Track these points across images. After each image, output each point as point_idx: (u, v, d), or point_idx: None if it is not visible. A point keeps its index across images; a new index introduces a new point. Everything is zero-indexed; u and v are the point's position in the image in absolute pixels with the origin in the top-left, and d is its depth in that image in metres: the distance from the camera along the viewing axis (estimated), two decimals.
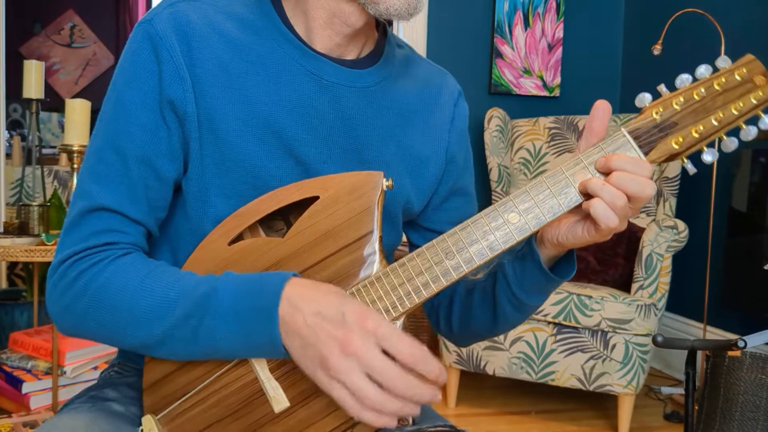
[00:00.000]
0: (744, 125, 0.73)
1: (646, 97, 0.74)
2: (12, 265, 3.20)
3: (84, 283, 0.75)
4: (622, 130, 0.73)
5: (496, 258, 0.74)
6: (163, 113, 0.77)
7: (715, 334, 2.71)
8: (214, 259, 0.77)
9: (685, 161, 0.75)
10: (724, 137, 0.74)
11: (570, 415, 2.48)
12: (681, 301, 2.96)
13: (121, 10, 6.49)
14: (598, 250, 2.55)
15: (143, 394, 0.80)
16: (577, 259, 0.82)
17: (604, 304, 2.23)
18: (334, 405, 0.74)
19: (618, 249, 2.51)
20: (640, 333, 2.23)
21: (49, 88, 6.04)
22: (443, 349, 2.45)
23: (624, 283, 2.47)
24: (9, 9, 3.09)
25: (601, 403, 2.60)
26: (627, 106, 3.41)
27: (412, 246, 0.97)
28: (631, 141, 0.73)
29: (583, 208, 0.72)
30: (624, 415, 2.27)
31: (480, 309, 0.89)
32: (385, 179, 0.75)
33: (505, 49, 3.31)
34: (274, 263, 0.76)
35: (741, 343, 1.50)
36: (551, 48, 3.36)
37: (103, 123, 0.79)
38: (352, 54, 0.85)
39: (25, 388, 2.08)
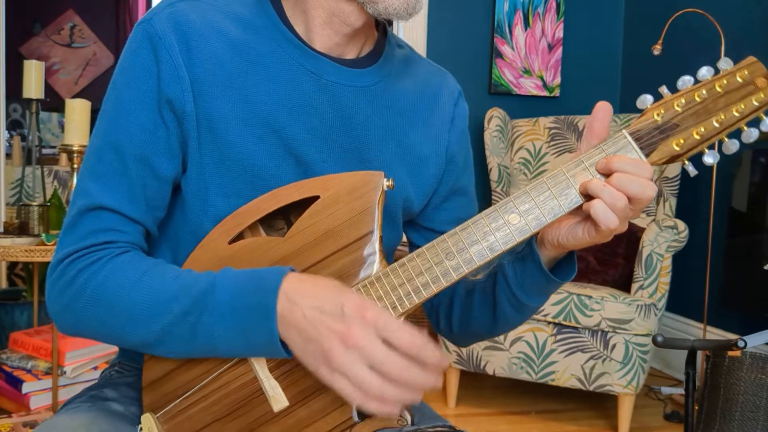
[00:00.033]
0: (745, 127, 0.73)
1: (648, 98, 0.74)
2: (12, 265, 3.20)
3: (83, 281, 0.75)
4: (623, 131, 0.73)
5: (496, 259, 0.74)
6: (162, 113, 0.77)
7: (715, 334, 2.71)
8: (214, 258, 0.77)
9: (686, 163, 0.75)
10: (726, 139, 0.74)
11: (570, 415, 2.48)
12: (681, 301, 2.96)
13: (121, 10, 6.49)
14: (598, 250, 2.55)
15: (142, 392, 0.80)
16: (577, 260, 0.82)
17: (604, 304, 2.23)
18: (333, 405, 0.74)
19: (618, 249, 2.51)
20: (640, 333, 2.23)
21: (49, 88, 6.04)
22: (443, 349, 2.45)
23: (624, 283, 2.47)
24: (9, 9, 3.09)
25: (601, 403, 2.60)
26: (627, 107, 3.41)
27: (412, 246, 0.97)
28: (632, 142, 0.73)
29: (583, 209, 0.72)
30: (624, 415, 2.27)
31: (480, 309, 0.89)
32: (385, 179, 0.75)
33: (505, 49, 3.31)
34: (275, 262, 0.76)
35: (741, 343, 1.50)
36: (551, 48, 3.36)
37: (103, 122, 0.79)
38: (352, 53, 0.85)
39: (25, 388, 2.08)
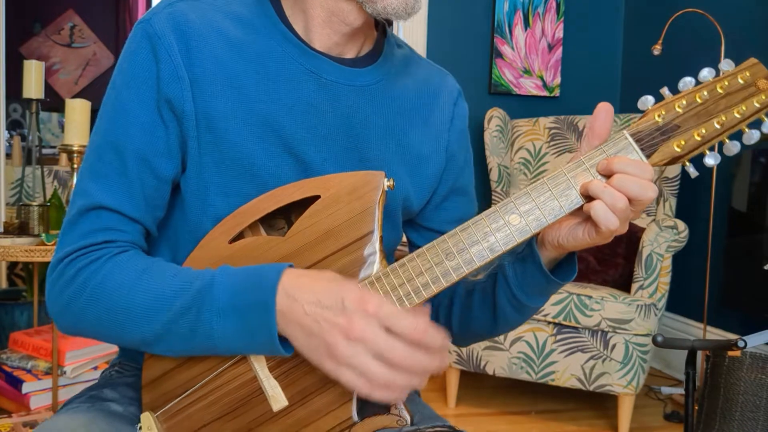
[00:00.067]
0: (747, 129, 0.73)
1: (649, 99, 0.73)
2: (12, 265, 3.20)
3: (82, 280, 0.75)
4: (624, 132, 0.73)
5: (496, 259, 0.74)
6: (161, 112, 0.77)
7: (715, 334, 2.71)
8: (215, 257, 0.77)
9: (687, 164, 0.75)
10: (727, 141, 0.74)
11: (570, 415, 2.48)
12: (681, 301, 2.96)
13: (121, 10, 6.49)
14: (598, 250, 2.55)
15: (142, 390, 0.80)
16: (577, 260, 0.82)
17: (604, 304, 2.23)
18: (333, 404, 0.74)
19: (618, 249, 2.51)
20: (640, 333, 2.23)
21: (49, 88, 6.04)
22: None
23: (624, 283, 2.47)
24: (9, 9, 3.09)
25: (601, 403, 2.60)
26: (627, 107, 3.40)
27: (411, 245, 0.97)
28: (633, 143, 0.73)
29: (584, 210, 0.72)
30: (624, 415, 2.27)
31: (480, 310, 0.89)
32: (386, 179, 0.75)
33: (505, 49, 3.31)
34: (275, 261, 0.76)
35: (741, 343, 1.50)
36: (551, 48, 3.36)
37: (102, 122, 0.79)
38: (351, 53, 0.86)
39: (25, 388, 2.08)
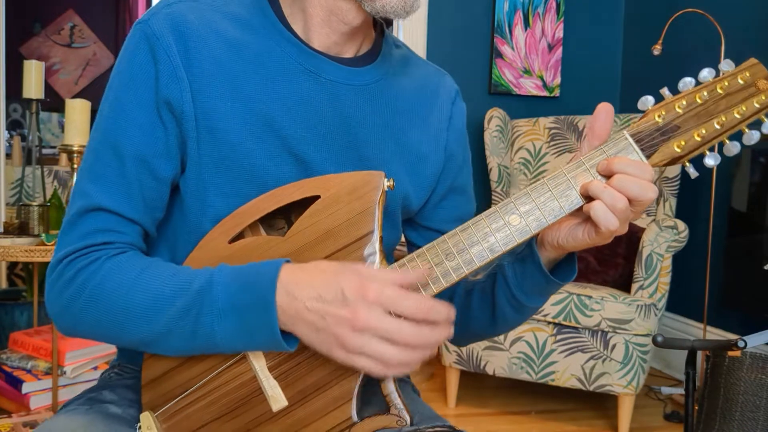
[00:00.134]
0: (747, 129, 0.73)
1: (649, 99, 0.73)
2: (12, 265, 3.20)
3: (81, 281, 0.75)
4: (624, 132, 0.73)
5: (496, 259, 0.74)
6: (160, 113, 0.77)
7: (715, 334, 2.71)
8: (214, 258, 0.77)
9: (687, 165, 0.75)
10: (727, 141, 0.74)
11: (570, 415, 2.48)
12: (681, 301, 2.96)
13: (121, 10, 6.49)
14: (598, 250, 2.55)
15: (142, 390, 0.80)
16: (577, 260, 0.82)
17: (604, 304, 2.23)
18: (332, 405, 0.74)
19: (618, 249, 2.51)
20: (640, 333, 2.23)
21: (49, 88, 6.04)
22: (443, 349, 2.45)
23: (624, 283, 2.47)
24: (9, 9, 3.08)
25: (601, 403, 2.60)
26: (627, 107, 3.40)
27: (410, 245, 0.97)
28: (633, 144, 0.73)
29: (584, 211, 0.72)
30: (624, 415, 2.27)
31: (479, 310, 0.89)
32: (386, 179, 0.75)
33: (505, 49, 3.31)
34: None
35: (741, 343, 1.50)
36: (551, 48, 3.36)
37: (101, 123, 0.79)
38: (350, 52, 0.86)
39: (25, 388, 2.08)
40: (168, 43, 0.76)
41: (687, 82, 0.73)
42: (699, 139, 0.73)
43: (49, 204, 2.20)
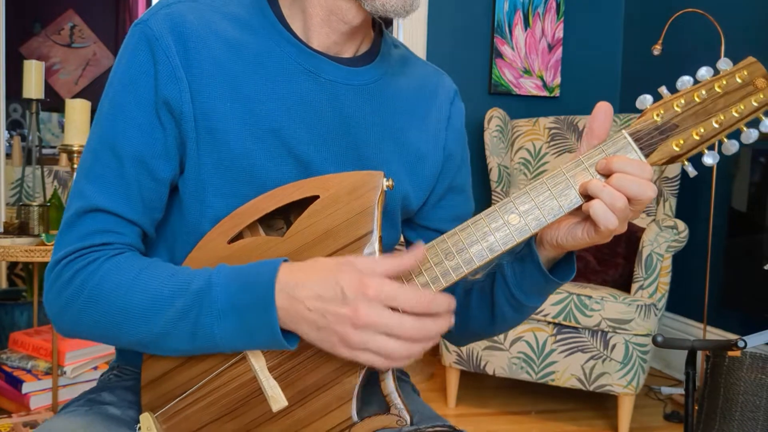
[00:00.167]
0: (745, 128, 0.73)
1: (647, 98, 0.74)
2: (12, 265, 3.20)
3: (79, 282, 0.75)
4: (623, 132, 0.73)
5: (495, 259, 0.74)
6: (159, 114, 0.77)
7: (715, 334, 2.71)
8: (214, 258, 0.77)
9: (685, 163, 0.75)
10: (725, 140, 0.74)
11: (570, 415, 2.48)
12: (681, 301, 2.96)
13: (121, 10, 6.49)
14: (598, 250, 2.55)
15: (141, 391, 0.80)
16: (577, 259, 0.82)
17: (604, 304, 2.23)
18: (332, 405, 0.74)
19: (618, 249, 2.51)
20: (640, 333, 2.23)
21: (49, 88, 6.04)
22: (443, 349, 2.45)
23: (624, 283, 2.47)
24: (9, 9, 3.09)
25: (601, 403, 2.60)
26: (627, 106, 3.40)
27: (408, 244, 0.97)
28: (632, 143, 0.73)
29: (583, 210, 0.72)
30: (624, 415, 2.27)
31: (478, 309, 0.89)
32: (385, 179, 0.75)
33: (505, 49, 3.31)
34: None
35: (741, 343, 1.50)
36: (551, 48, 3.36)
37: (99, 123, 0.79)
38: (349, 52, 0.86)
39: (25, 388, 2.08)
40: (167, 44, 0.76)
41: (685, 81, 0.73)
42: (697, 137, 0.73)
43: (49, 204, 2.20)
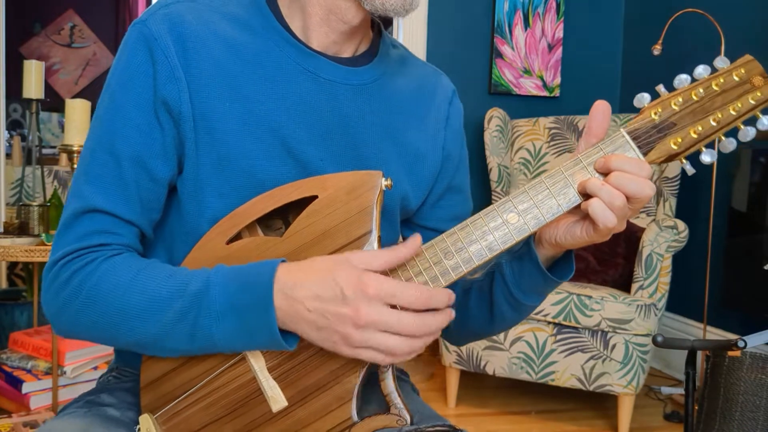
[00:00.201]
0: (742, 126, 0.73)
1: (645, 97, 0.74)
2: (12, 265, 3.20)
3: (77, 283, 0.74)
4: (621, 130, 0.73)
5: (494, 258, 0.74)
6: (158, 114, 0.77)
7: (715, 334, 2.71)
8: (212, 259, 0.77)
9: (683, 162, 0.75)
10: (723, 138, 0.74)
11: (570, 415, 2.48)
12: (681, 301, 2.96)
13: (121, 10, 6.49)
14: (598, 250, 2.54)
15: (140, 392, 0.80)
16: (577, 259, 0.82)
17: (604, 304, 2.23)
18: (332, 405, 0.74)
19: (618, 249, 2.51)
20: (640, 333, 2.23)
21: (49, 88, 6.04)
22: (443, 349, 2.45)
23: (624, 283, 2.47)
24: (9, 9, 3.09)
25: (601, 403, 2.59)
26: (627, 106, 3.40)
27: None
28: (630, 141, 0.73)
29: (581, 208, 0.72)
30: (624, 415, 2.27)
31: (477, 308, 0.89)
32: (383, 179, 0.75)
33: (505, 49, 3.31)
34: None
35: (741, 343, 1.50)
36: (551, 48, 3.36)
37: (97, 124, 0.79)
38: (348, 52, 0.86)
39: (25, 388, 2.08)
40: (166, 44, 0.76)
41: (682, 79, 0.73)
42: (695, 136, 0.73)
43: (49, 204, 2.21)
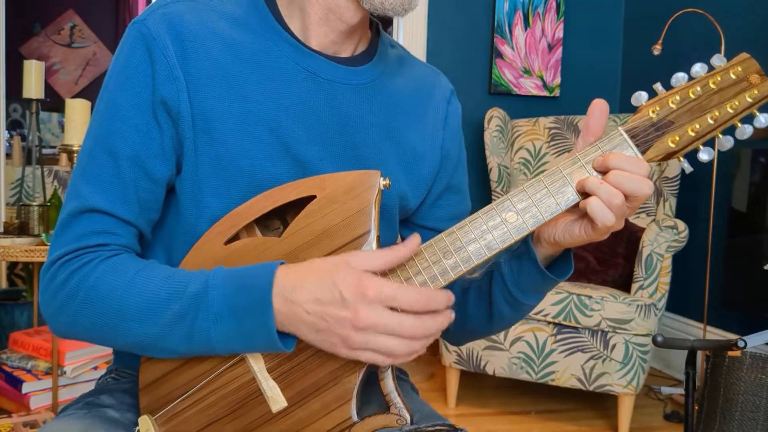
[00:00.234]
0: (739, 124, 0.74)
1: (643, 95, 0.74)
2: (12, 265, 3.21)
3: (75, 283, 0.74)
4: (619, 129, 0.73)
5: (493, 257, 0.74)
6: (156, 114, 0.77)
7: (715, 334, 2.71)
8: (211, 259, 0.77)
9: (681, 160, 0.75)
10: (720, 136, 0.74)
11: (570, 415, 2.48)
12: (681, 301, 2.96)
13: (121, 10, 6.49)
14: (598, 250, 2.54)
15: (139, 393, 0.80)
16: (576, 259, 0.82)
17: (604, 304, 2.23)
18: (332, 405, 0.74)
19: (618, 249, 2.51)
20: (640, 333, 2.23)
21: (49, 88, 6.04)
22: (443, 349, 2.45)
23: (624, 283, 2.47)
24: (9, 9, 3.09)
25: (601, 403, 2.59)
26: (627, 106, 3.40)
27: None
28: (628, 140, 0.73)
29: (580, 207, 0.72)
30: (624, 415, 2.27)
31: (476, 308, 0.89)
32: (382, 178, 0.75)
33: (505, 49, 3.31)
34: None
35: (741, 343, 1.50)
36: (551, 48, 3.36)
37: (96, 123, 0.79)
38: (347, 52, 0.86)
39: (25, 388, 2.08)
40: (165, 44, 0.76)
41: (680, 78, 0.73)
42: (693, 134, 0.73)
43: (49, 204, 2.21)
